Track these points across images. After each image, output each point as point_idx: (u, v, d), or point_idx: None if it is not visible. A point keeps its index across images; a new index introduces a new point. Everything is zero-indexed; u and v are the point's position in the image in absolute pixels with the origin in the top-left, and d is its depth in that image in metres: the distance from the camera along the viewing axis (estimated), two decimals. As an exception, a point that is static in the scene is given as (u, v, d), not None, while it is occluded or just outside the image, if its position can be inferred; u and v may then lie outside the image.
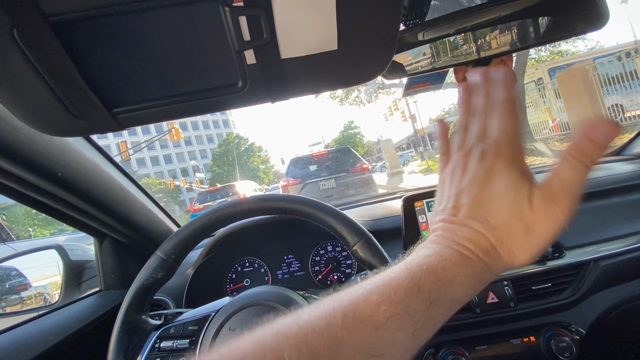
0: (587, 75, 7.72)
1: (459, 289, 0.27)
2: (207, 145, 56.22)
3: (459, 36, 0.63)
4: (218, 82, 0.43)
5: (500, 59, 0.60)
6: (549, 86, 9.49)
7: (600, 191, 0.90)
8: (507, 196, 0.29)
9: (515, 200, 0.29)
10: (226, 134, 54.10)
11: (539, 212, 0.28)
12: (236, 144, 47.95)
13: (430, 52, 0.64)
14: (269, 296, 0.54)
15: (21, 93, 0.38)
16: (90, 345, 0.76)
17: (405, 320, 0.24)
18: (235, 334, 0.50)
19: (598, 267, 0.77)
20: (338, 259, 1.01)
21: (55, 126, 0.42)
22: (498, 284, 0.78)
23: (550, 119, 9.34)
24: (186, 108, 0.44)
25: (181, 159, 52.48)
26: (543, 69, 10.47)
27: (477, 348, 0.78)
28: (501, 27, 0.60)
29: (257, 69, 0.40)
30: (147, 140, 29.81)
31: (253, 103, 0.46)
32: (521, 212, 0.28)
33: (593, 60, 8.17)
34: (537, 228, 0.28)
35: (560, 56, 12.79)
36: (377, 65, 0.45)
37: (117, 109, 0.42)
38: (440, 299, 0.26)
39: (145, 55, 0.39)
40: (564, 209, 0.27)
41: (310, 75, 0.43)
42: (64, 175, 0.58)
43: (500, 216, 0.29)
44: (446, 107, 47.88)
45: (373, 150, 51.59)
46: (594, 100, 7.63)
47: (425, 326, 0.25)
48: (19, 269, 1.17)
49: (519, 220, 0.28)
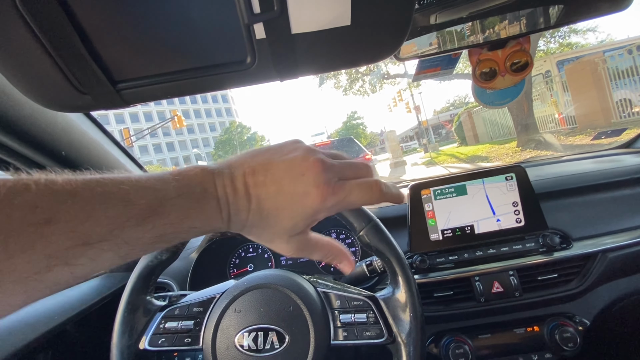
0: (597, 68, 7.59)
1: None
2: (210, 133, 56.14)
3: (474, 18, 0.61)
4: (226, 58, 0.41)
5: (517, 41, 0.58)
6: (556, 79, 9.35)
7: (610, 183, 0.89)
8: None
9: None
10: (229, 122, 53.94)
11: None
12: (239, 132, 47.83)
13: (443, 35, 0.62)
14: (275, 279, 0.53)
15: (24, 66, 0.37)
16: (94, 326, 0.76)
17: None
18: (240, 316, 0.50)
19: (606, 259, 0.77)
20: (342, 247, 1.01)
21: (58, 101, 0.41)
22: (504, 274, 0.77)
23: (556, 113, 9.23)
24: (192, 85, 0.43)
25: (184, 147, 52.49)
26: (551, 61, 10.31)
27: (479, 336, 0.78)
28: (519, 8, 0.58)
29: (267, 44, 0.39)
30: (150, 127, 29.78)
31: (261, 81, 0.44)
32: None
33: (603, 53, 8.02)
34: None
35: (569, 48, 12.56)
36: (389, 44, 0.44)
37: (122, 84, 0.41)
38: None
39: (150, 28, 0.38)
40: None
41: (321, 53, 0.42)
42: (67, 154, 0.57)
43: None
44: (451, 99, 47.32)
45: (376, 141, 51.34)
46: (602, 94, 7.52)
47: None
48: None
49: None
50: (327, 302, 0.53)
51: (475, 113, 13.79)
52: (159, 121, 39.74)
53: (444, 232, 0.83)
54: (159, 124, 27.44)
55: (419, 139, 27.00)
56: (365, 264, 0.70)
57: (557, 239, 0.78)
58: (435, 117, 33.22)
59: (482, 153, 10.27)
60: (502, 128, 12.22)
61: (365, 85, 14.40)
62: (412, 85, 16.08)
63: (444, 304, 0.80)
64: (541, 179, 0.92)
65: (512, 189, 0.82)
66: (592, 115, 7.87)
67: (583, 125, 8.14)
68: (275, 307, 0.51)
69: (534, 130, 8.40)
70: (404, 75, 14.00)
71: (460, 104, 43.08)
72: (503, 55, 0.56)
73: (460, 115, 15.26)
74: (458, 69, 11.99)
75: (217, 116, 58.29)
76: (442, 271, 0.80)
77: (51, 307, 0.72)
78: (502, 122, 12.10)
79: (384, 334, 0.49)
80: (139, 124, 45.73)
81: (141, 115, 47.99)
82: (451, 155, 13.03)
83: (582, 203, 0.87)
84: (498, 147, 10.05)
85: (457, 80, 15.52)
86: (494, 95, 0.59)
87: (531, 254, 0.79)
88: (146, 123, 45.63)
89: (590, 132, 7.52)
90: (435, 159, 12.77)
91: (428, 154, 15.14)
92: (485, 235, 0.82)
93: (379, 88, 14.40)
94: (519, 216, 0.82)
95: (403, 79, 14.75)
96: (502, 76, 0.57)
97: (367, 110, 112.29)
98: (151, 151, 48.87)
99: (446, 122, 31.98)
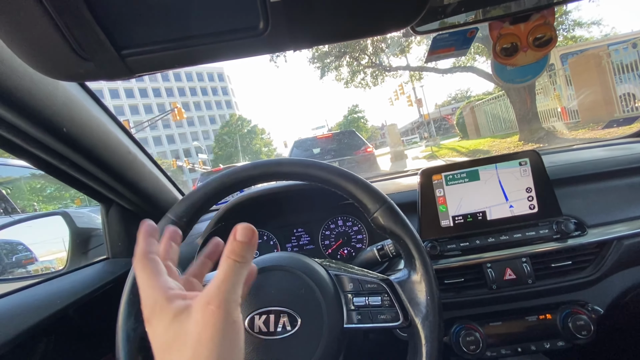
0: (601, 62, 7.52)
1: None
2: (210, 126, 55.97)
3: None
4: (237, 24, 0.39)
5: (541, 14, 0.55)
6: (560, 72, 9.27)
7: (624, 170, 0.87)
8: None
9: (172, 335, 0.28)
10: (229, 115, 53.72)
11: (198, 321, 0.28)
12: (239, 125, 47.64)
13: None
14: (287, 261, 0.52)
15: (23, 29, 0.34)
16: (97, 311, 0.75)
17: None
18: (251, 298, 0.48)
19: (621, 246, 0.75)
20: (348, 234, 0.99)
21: (59, 68, 0.38)
22: (516, 261, 0.75)
23: (559, 106, 9.16)
24: (201, 53, 0.40)
25: (184, 140, 52.38)
26: (555, 54, 10.20)
27: (491, 324, 0.76)
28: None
29: (281, 7, 0.36)
30: (150, 119, 29.63)
31: (274, 49, 0.42)
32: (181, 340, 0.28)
33: (607, 46, 7.93)
34: (204, 337, 0.27)
35: (573, 41, 12.43)
36: (410, 11, 0.41)
37: (127, 51, 0.38)
38: None
39: (158, -11, 0.35)
40: (217, 305, 0.28)
41: (338, 19, 0.39)
42: (69, 131, 0.55)
43: None
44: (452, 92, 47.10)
45: (377, 135, 51.21)
46: (605, 88, 7.46)
47: None
48: (25, 243, 1.16)
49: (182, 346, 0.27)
50: (339, 285, 0.51)
51: (477, 107, 13.72)
52: (158, 113, 39.55)
53: (455, 219, 0.81)
54: (158, 116, 27.29)
55: (420, 133, 26.90)
56: (376, 248, 0.68)
57: (572, 226, 0.76)
58: (436, 110, 33.04)
59: (484, 147, 10.22)
60: (504, 122, 12.15)
61: (367, 77, 14.27)
62: (414, 78, 15.94)
63: (454, 291, 0.78)
64: (554, 165, 0.90)
65: (525, 175, 0.80)
66: (595, 109, 7.82)
67: (586, 119, 8.09)
68: (287, 289, 0.49)
69: (537, 124, 8.35)
70: (406, 67, 13.87)
71: (462, 97, 42.87)
72: (525, 30, 0.54)
73: (462, 109, 15.17)
74: (461, 61, 11.90)
75: (217, 109, 58.04)
76: (453, 258, 0.78)
77: (54, 292, 0.70)
78: (504, 116, 12.03)
79: (399, 318, 0.48)
80: (139, 116, 45.54)
81: (141, 107, 47.79)
82: (452, 149, 12.98)
83: (596, 190, 0.85)
84: (500, 141, 10.01)
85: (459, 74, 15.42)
86: (514, 72, 0.57)
87: (545, 241, 0.77)
88: (146, 115, 45.44)
89: (593, 126, 7.48)
90: (437, 153, 12.72)
91: (429, 147, 15.08)
92: (498, 222, 0.80)
93: (381, 81, 14.28)
94: (533, 202, 0.79)
95: (405, 72, 14.63)
96: (524, 52, 0.54)
97: (368, 103, 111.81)
98: (151, 143, 48.75)
99: (448, 115, 31.82)
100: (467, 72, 11.51)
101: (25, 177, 6.24)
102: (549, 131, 7.96)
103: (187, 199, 0.55)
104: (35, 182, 8.92)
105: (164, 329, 0.29)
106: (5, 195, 4.45)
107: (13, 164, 2.50)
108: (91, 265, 0.85)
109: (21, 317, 0.60)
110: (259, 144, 48.63)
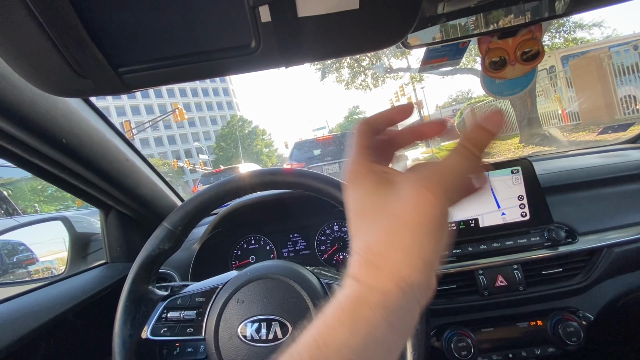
0: (602, 64, 7.50)
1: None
2: (211, 127, 56.01)
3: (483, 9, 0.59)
4: (229, 43, 0.40)
5: (528, 30, 0.56)
6: (561, 74, 9.25)
7: (616, 177, 0.88)
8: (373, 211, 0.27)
9: (378, 210, 0.26)
10: (230, 116, 53.76)
11: (407, 202, 0.25)
12: (240, 126, 47.69)
13: (452, 23, 0.61)
14: (278, 270, 0.53)
15: (23, 48, 0.36)
16: (96, 316, 0.76)
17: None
18: (243, 306, 0.50)
19: (611, 254, 0.76)
20: (344, 239, 1.00)
21: (58, 85, 0.40)
22: (508, 268, 0.76)
23: (560, 109, 9.15)
24: (195, 70, 0.42)
25: (185, 141, 52.43)
26: (556, 56, 10.20)
27: (482, 330, 0.77)
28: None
29: (272, 27, 0.38)
30: (151, 120, 29.71)
31: (265, 66, 0.43)
32: (390, 216, 0.25)
33: (608, 48, 7.92)
34: (410, 222, 0.24)
35: (574, 43, 12.42)
36: (398, 30, 0.42)
37: (123, 69, 0.39)
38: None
39: (152, 10, 0.36)
40: (435, 194, 0.25)
41: (327, 37, 0.41)
42: (68, 142, 0.56)
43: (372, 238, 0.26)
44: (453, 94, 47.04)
45: (377, 136, 50.96)
46: (606, 90, 7.45)
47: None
48: (26, 244, 1.18)
49: (390, 226, 0.25)
50: (331, 293, 0.53)
51: (479, 108, 13.71)
52: (160, 114, 39.65)
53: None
54: (160, 117, 27.37)
55: (420, 134, 26.76)
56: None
57: (562, 233, 0.77)
58: (437, 112, 33.03)
59: (484, 149, 10.18)
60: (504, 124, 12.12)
61: (368, 79, 14.29)
62: (415, 79, 15.95)
63: (447, 297, 0.79)
64: (547, 172, 0.91)
65: (517, 183, 0.81)
66: (596, 112, 7.81)
67: (586, 122, 8.08)
68: (278, 297, 0.50)
69: (537, 126, 8.35)
70: (407, 69, 13.88)
71: (463, 99, 42.79)
72: (513, 44, 0.55)
73: (464, 111, 15.16)
74: (462, 63, 11.88)
75: (219, 109, 58.09)
76: (445, 264, 0.80)
77: (53, 296, 0.72)
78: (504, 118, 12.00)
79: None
80: (140, 116, 45.62)
81: (142, 107, 47.87)
82: (453, 150, 12.92)
83: (588, 197, 0.86)
84: (500, 142, 9.99)
85: (459, 75, 15.42)
86: (503, 85, 0.58)
87: (536, 248, 0.78)
88: (147, 116, 45.52)
89: (594, 128, 7.46)
90: (437, 155, 12.71)
91: (430, 149, 15.07)
92: (490, 229, 0.81)
93: (381, 82, 14.30)
94: (524, 210, 0.81)
95: (406, 73, 14.63)
96: (512, 65, 0.56)
97: (369, 105, 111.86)
98: (152, 144, 48.85)
99: (448, 117, 31.84)
100: (467, 74, 11.52)
101: (26, 178, 6.27)
102: (549, 134, 7.95)
103: (183, 208, 0.56)
104: (36, 183, 8.94)
105: (364, 196, 0.27)
106: (6, 196, 4.48)
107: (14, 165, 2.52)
108: (90, 270, 0.87)
109: (21, 321, 0.61)
110: (259, 144, 48.67)
